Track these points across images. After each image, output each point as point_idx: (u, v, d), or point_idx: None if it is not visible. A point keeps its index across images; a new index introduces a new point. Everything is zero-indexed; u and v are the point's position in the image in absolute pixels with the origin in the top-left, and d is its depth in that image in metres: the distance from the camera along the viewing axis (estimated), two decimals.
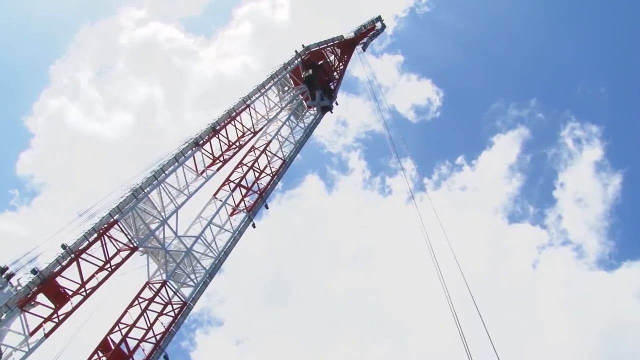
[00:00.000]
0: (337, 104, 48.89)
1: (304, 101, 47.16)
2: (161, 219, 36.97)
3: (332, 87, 48.61)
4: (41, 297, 32.19)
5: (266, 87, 44.92)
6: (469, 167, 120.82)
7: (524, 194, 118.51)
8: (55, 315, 31.96)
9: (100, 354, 33.65)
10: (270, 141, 44.03)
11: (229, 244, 39.77)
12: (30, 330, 31.41)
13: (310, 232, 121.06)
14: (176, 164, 38.02)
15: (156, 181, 36.68)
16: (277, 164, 43.82)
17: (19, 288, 33.27)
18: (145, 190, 36.12)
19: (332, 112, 48.04)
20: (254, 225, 41.37)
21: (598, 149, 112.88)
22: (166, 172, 37.35)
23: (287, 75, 46.97)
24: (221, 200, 41.12)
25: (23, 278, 35.31)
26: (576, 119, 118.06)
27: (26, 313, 31.86)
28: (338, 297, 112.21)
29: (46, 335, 31.62)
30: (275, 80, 45.46)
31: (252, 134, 43.25)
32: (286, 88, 47.84)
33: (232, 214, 41.31)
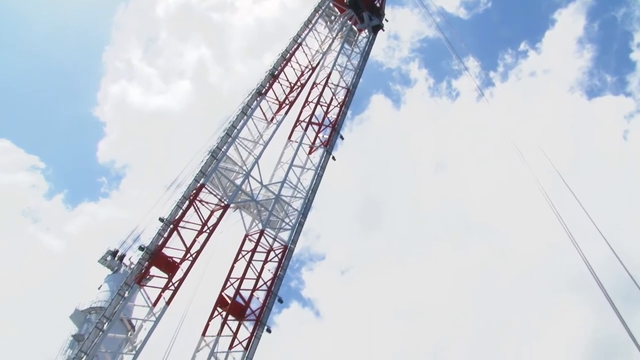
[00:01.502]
0: (386, 20, 47.82)
1: (353, 26, 46.44)
2: (244, 172, 38.14)
3: (378, 4, 47.40)
4: (154, 270, 34.49)
5: (313, 21, 44.47)
6: (534, 52, 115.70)
7: (598, 64, 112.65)
8: (171, 284, 34.24)
9: (220, 309, 35.88)
10: (330, 73, 43.92)
11: (314, 181, 40.54)
12: (152, 301, 33.89)
13: (388, 151, 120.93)
14: (245, 117, 38.83)
15: (230, 138, 37.73)
16: (341, 93, 43.82)
17: (132, 266, 35.91)
18: (223, 150, 37.27)
19: (383, 30, 47.14)
20: (333, 158, 41.91)
21: None
22: (237, 127, 38.28)
23: (330, 4, 46.25)
24: (297, 142, 41.72)
25: (133, 256, 38.02)
26: None
27: (144, 287, 34.31)
28: (427, 208, 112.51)
29: (167, 303, 34.01)
30: (319, 12, 44.90)
31: (310, 71, 43.28)
32: (332, 17, 47.11)
33: (310, 152, 41.97)
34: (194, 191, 35.72)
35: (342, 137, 42.91)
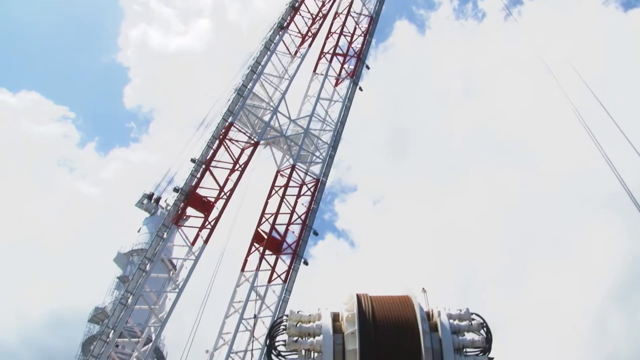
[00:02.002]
0: None
1: None
2: (271, 109, 38.04)
3: None
4: (190, 210, 35.11)
5: None
6: None
7: None
8: (207, 223, 34.89)
9: (257, 245, 36.54)
10: (352, 1, 42.94)
11: (342, 113, 40.26)
12: (191, 241, 34.64)
13: (414, 77, 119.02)
14: (268, 52, 38.41)
15: (255, 75, 37.48)
16: (365, 22, 42.90)
17: (168, 208, 36.52)
18: (248, 87, 37.10)
19: None
20: (360, 89, 41.48)
21: None
22: (261, 63, 37.95)
23: None
24: (322, 74, 41.26)
25: (169, 198, 38.55)
26: None
27: (182, 227, 35.05)
28: (456, 133, 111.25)
29: (205, 242, 34.76)
30: None
31: (331, 0, 42.36)
32: None
33: (336, 84, 41.55)
34: (223, 130, 35.82)
35: (367, 67, 42.29)
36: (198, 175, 34.98)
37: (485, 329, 17.50)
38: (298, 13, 40.26)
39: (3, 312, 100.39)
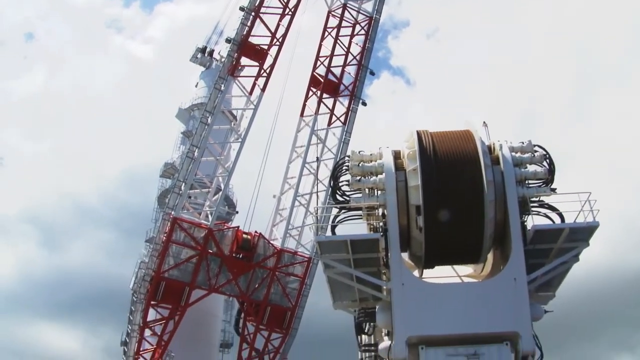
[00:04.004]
0: None
1: None
2: None
3: None
4: (244, 60, 35.05)
5: None
6: None
7: None
8: (262, 71, 34.90)
9: (314, 89, 36.51)
10: None
11: None
12: (248, 90, 34.93)
13: None
14: None
15: None
16: None
17: (223, 60, 36.51)
18: None
19: None
20: None
21: None
22: None
23: None
24: None
25: (222, 50, 38.34)
26: None
27: (238, 78, 35.23)
28: None
29: (262, 90, 35.03)
30: None
31: None
32: None
33: None
34: None
35: None
36: (248, 24, 34.47)
37: (548, 160, 17.44)
38: None
39: (81, 174, 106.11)
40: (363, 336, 19.97)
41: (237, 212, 43.81)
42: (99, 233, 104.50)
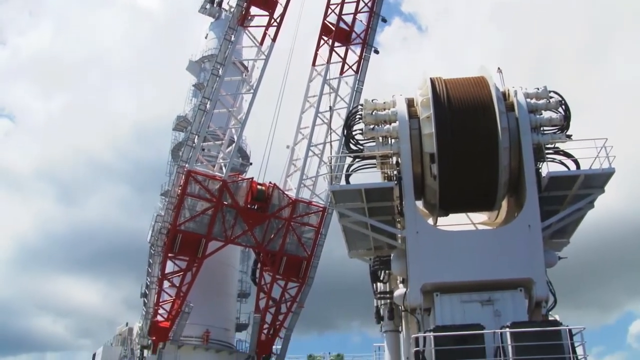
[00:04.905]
0: None
1: None
2: None
3: None
4: (254, 10, 34.52)
5: None
6: None
7: None
8: (273, 20, 34.43)
9: (325, 38, 36.04)
10: None
11: None
12: (259, 40, 34.58)
13: None
14: None
15: None
16: None
17: (232, 10, 36.03)
18: None
19: None
20: None
21: None
22: None
23: None
24: None
25: (231, 0, 37.71)
26: None
27: (248, 28, 34.82)
28: None
29: (273, 40, 34.63)
30: None
31: None
32: None
33: None
34: None
35: None
36: None
37: (563, 106, 17.21)
38: None
39: (94, 130, 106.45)
40: (378, 284, 20.24)
41: (250, 164, 43.90)
42: (115, 188, 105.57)
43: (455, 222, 17.58)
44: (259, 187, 34.31)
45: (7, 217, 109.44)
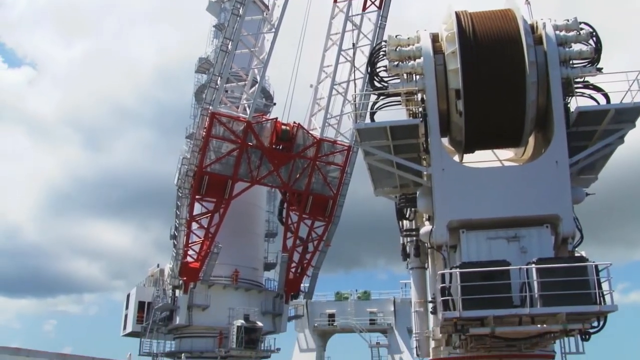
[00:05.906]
0: None
1: None
2: None
3: None
4: None
5: None
6: None
7: None
8: None
9: None
10: None
11: None
12: None
13: None
14: None
15: None
16: None
17: None
18: None
19: None
20: None
21: None
22: None
23: None
24: None
25: None
26: None
27: None
28: None
29: None
30: None
31: None
32: None
33: None
34: None
35: None
36: None
37: (594, 38, 16.64)
38: None
39: (116, 75, 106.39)
40: (404, 222, 20.33)
41: (274, 104, 43.72)
42: (140, 132, 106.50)
43: (482, 158, 17.41)
44: (283, 127, 34.29)
45: (36, 164, 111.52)
